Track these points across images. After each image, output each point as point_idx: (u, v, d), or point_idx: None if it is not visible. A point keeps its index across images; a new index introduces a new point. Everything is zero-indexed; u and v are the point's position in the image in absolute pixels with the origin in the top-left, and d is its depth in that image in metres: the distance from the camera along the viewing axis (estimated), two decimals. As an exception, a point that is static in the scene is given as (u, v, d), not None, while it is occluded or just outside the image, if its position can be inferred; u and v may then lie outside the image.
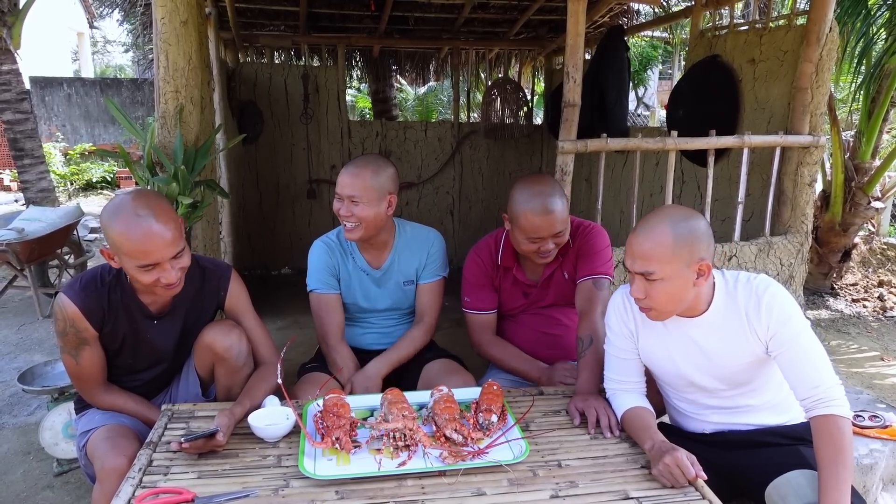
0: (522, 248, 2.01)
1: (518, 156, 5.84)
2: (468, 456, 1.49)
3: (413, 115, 13.86)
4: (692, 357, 1.62)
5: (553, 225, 1.93)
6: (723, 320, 1.57)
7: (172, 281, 1.63)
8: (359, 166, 2.02)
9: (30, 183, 6.07)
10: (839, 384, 1.46)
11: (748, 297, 1.54)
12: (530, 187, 1.96)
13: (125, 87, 12.78)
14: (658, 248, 1.48)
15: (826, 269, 5.19)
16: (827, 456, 1.39)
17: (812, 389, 1.45)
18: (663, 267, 1.48)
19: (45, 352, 3.80)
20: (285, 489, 1.41)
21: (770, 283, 1.54)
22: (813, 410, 1.44)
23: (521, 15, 4.96)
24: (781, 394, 1.64)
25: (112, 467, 1.57)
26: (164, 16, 2.27)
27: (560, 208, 1.93)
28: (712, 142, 2.90)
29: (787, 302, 1.51)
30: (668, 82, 15.06)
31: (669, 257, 1.47)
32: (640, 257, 1.50)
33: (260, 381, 1.79)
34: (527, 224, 1.93)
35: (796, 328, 1.49)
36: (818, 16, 2.89)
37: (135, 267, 1.59)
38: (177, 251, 1.62)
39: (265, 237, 5.44)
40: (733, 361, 1.58)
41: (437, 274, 2.21)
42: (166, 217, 1.60)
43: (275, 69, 5.27)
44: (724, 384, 1.62)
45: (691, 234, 1.48)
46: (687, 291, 1.51)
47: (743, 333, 1.55)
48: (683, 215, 1.52)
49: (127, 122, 2.33)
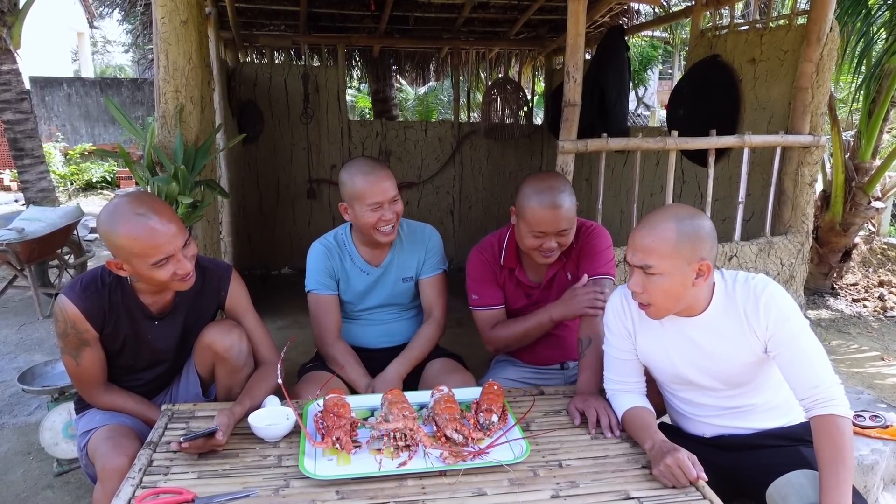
0: (525, 244, 1.99)
1: (518, 156, 5.84)
2: (469, 456, 1.49)
3: (413, 115, 13.86)
4: (690, 357, 1.62)
5: (558, 221, 1.91)
6: (721, 320, 1.56)
7: (188, 270, 1.65)
8: (377, 167, 2.04)
9: (30, 183, 6.07)
10: (839, 384, 1.45)
11: (746, 297, 1.53)
12: (541, 182, 1.95)
13: (125, 87, 12.78)
14: (660, 243, 1.48)
15: (826, 268, 5.19)
16: (827, 456, 1.38)
17: (811, 389, 1.44)
18: (663, 262, 1.48)
19: (45, 352, 3.80)
20: (286, 489, 1.41)
21: (768, 283, 1.53)
22: (812, 410, 1.44)
23: (522, 15, 4.96)
24: (781, 395, 1.63)
25: (113, 467, 1.57)
26: (163, 15, 2.27)
27: (567, 206, 1.92)
28: (713, 142, 2.90)
29: (785, 302, 1.51)
30: (669, 82, 15.05)
31: (670, 253, 1.47)
32: (641, 250, 1.50)
33: (260, 381, 1.79)
34: (532, 217, 1.92)
35: (795, 328, 1.49)
36: (818, 15, 2.89)
37: (148, 266, 1.59)
38: (185, 240, 1.64)
39: (265, 237, 5.44)
40: (731, 361, 1.58)
41: (438, 268, 2.22)
42: (165, 211, 1.63)
43: (275, 69, 5.27)
44: (722, 384, 1.62)
45: (695, 233, 1.48)
46: (685, 290, 1.51)
47: (741, 333, 1.54)
48: (689, 213, 1.52)
49: (126, 121, 2.33)
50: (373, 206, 2.00)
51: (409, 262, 2.20)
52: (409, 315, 2.28)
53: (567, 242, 2.00)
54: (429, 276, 2.21)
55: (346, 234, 2.19)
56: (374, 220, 2.01)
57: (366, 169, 2.02)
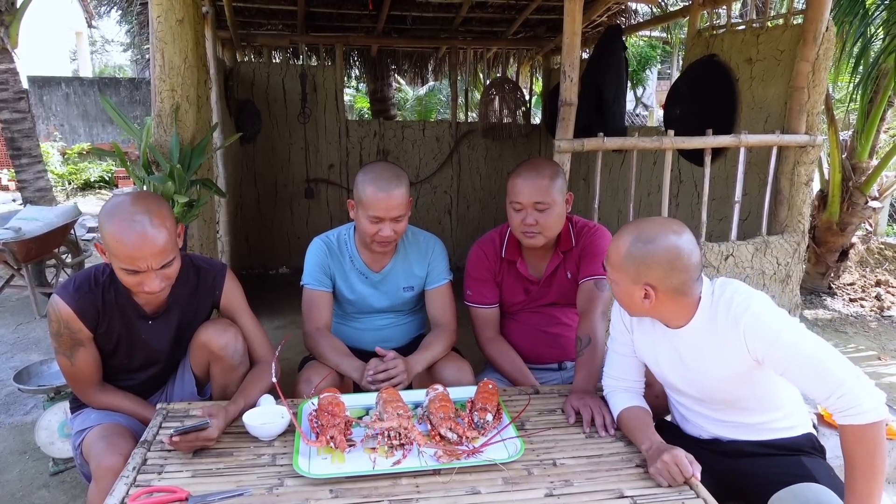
0: (514, 223, 2.04)
1: (516, 155, 5.84)
2: (463, 455, 1.49)
3: (412, 115, 13.86)
4: (675, 367, 1.62)
5: (534, 193, 1.97)
6: (702, 337, 1.53)
7: (154, 290, 1.61)
8: (392, 182, 1.95)
9: (27, 182, 6.07)
10: (858, 379, 1.35)
11: (727, 320, 1.48)
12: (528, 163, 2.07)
13: (123, 87, 12.77)
14: (612, 251, 1.54)
15: (823, 268, 5.19)
16: (848, 462, 1.37)
17: (827, 400, 1.37)
18: (613, 271, 1.54)
19: (41, 351, 3.80)
20: (280, 488, 1.41)
21: (749, 305, 1.46)
22: (837, 418, 1.38)
23: (519, 14, 4.96)
24: (781, 416, 1.61)
25: (107, 466, 1.57)
26: (160, 14, 2.26)
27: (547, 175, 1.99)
28: (709, 141, 2.90)
29: (769, 320, 1.43)
30: (667, 82, 15.07)
31: (618, 265, 1.52)
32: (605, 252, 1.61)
33: (255, 380, 1.79)
34: (511, 190, 2.01)
35: (789, 340, 1.40)
36: (815, 15, 2.89)
37: (119, 268, 1.59)
38: (164, 261, 1.60)
39: (263, 236, 5.44)
40: (712, 376, 1.55)
41: (443, 278, 2.19)
42: (161, 225, 1.57)
43: (273, 68, 5.27)
44: (706, 396, 1.61)
45: (643, 257, 1.46)
46: (634, 303, 1.54)
47: (720, 351, 1.50)
48: (653, 236, 1.46)
49: (122, 120, 2.33)
50: (373, 219, 1.96)
51: (412, 272, 2.18)
52: (407, 320, 2.28)
53: (548, 220, 1.99)
54: (434, 286, 2.18)
55: (349, 235, 2.17)
56: (371, 232, 1.99)
57: (381, 182, 1.93)
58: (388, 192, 1.93)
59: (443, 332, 2.14)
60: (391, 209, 1.94)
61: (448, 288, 2.21)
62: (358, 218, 2.02)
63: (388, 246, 2.04)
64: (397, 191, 1.94)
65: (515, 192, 1.99)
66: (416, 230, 2.23)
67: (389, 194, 1.93)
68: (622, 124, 4.28)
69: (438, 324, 2.17)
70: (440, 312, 2.18)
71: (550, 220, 1.99)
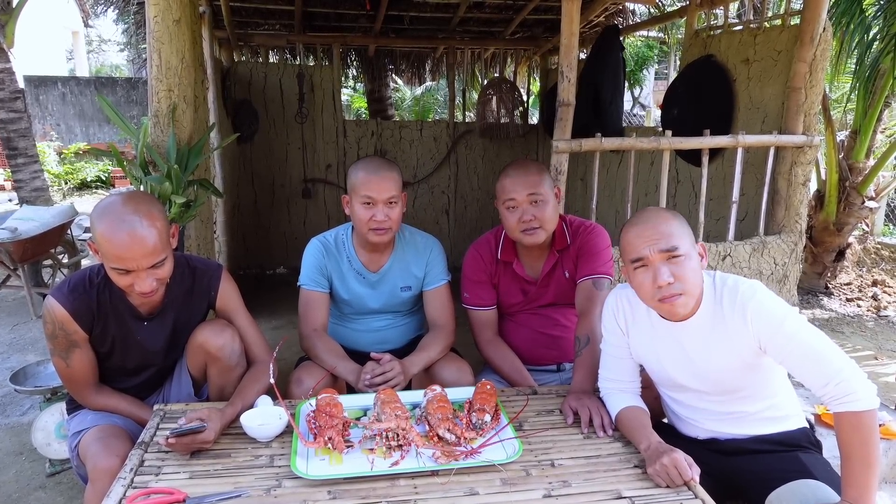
0: (510, 223, 2.03)
1: (513, 155, 5.83)
2: (461, 455, 1.49)
3: (410, 114, 13.84)
4: (679, 361, 1.62)
5: (526, 186, 1.98)
6: (709, 327, 1.55)
7: (146, 290, 1.60)
8: (382, 166, 2.00)
9: (23, 182, 6.06)
10: (853, 370, 1.39)
11: (733, 307, 1.51)
12: (514, 162, 2.10)
13: (120, 87, 12.74)
14: (676, 224, 1.51)
15: (820, 268, 5.20)
16: (844, 453, 1.38)
17: (825, 386, 1.40)
18: (683, 241, 1.50)
19: (38, 352, 3.78)
20: (277, 489, 1.41)
21: (755, 292, 1.50)
22: (832, 406, 1.41)
23: (517, 14, 4.96)
24: (776, 403, 1.62)
25: (104, 467, 1.56)
26: (156, 14, 2.26)
27: (535, 170, 2.02)
28: (706, 141, 2.90)
29: (774, 307, 1.48)
30: (665, 82, 15.09)
31: (682, 232, 1.51)
32: (665, 235, 1.49)
33: (252, 381, 1.79)
34: (503, 190, 2.02)
35: (790, 329, 1.45)
36: (812, 15, 2.90)
37: (110, 268, 1.59)
38: (155, 262, 1.58)
39: (260, 237, 5.43)
40: (719, 367, 1.57)
41: (441, 279, 2.19)
42: (151, 225, 1.56)
43: (270, 68, 5.26)
44: (711, 388, 1.61)
45: (680, 218, 1.55)
46: (697, 270, 1.52)
47: (728, 340, 1.53)
48: (660, 209, 1.61)
49: (120, 120, 2.32)
50: (364, 200, 1.97)
51: (410, 272, 2.17)
52: (405, 321, 2.27)
53: (543, 213, 2.00)
54: (432, 287, 2.18)
55: (347, 236, 2.17)
56: (365, 218, 1.99)
57: (371, 165, 2.02)
58: (379, 173, 1.99)
59: (441, 332, 2.13)
60: (382, 190, 1.97)
61: (446, 289, 2.20)
62: (352, 208, 2.03)
63: (384, 235, 2.02)
64: (388, 173, 2.00)
65: (508, 191, 2.01)
66: (414, 230, 2.23)
67: (381, 175, 1.98)
68: (619, 124, 4.29)
69: (436, 325, 2.17)
70: (438, 313, 2.18)
71: (547, 213, 2.01)
